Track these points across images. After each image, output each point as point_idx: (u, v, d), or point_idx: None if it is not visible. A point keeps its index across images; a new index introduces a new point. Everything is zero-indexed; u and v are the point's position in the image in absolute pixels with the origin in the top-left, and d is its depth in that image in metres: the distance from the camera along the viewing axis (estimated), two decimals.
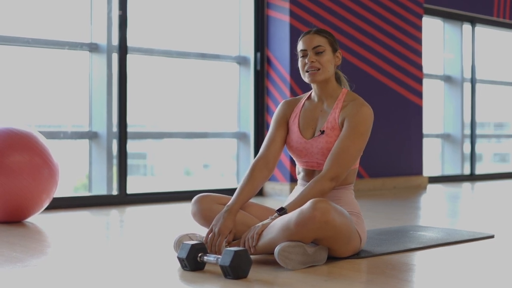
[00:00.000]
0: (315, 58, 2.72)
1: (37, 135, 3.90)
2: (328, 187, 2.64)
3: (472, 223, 3.99)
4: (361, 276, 2.44)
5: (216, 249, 2.58)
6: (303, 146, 2.77)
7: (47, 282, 2.32)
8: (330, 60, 2.74)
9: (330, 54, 2.75)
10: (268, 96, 5.71)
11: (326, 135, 2.72)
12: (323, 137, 2.73)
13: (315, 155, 2.75)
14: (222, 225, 2.61)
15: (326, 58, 2.73)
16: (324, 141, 2.72)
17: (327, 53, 2.74)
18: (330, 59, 2.74)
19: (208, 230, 2.66)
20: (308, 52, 2.74)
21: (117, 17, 4.95)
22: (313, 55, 2.73)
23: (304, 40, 2.77)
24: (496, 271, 2.55)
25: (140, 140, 5.64)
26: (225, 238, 2.60)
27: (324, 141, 2.72)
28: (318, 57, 2.73)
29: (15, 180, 3.70)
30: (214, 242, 2.60)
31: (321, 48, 2.73)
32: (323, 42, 2.74)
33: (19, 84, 4.86)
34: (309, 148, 2.76)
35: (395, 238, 3.19)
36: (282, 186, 5.52)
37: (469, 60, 7.72)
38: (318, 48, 2.73)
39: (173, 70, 5.62)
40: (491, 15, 7.73)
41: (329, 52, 2.74)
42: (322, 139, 2.73)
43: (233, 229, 2.63)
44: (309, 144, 2.76)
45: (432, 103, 7.55)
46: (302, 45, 2.76)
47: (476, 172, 7.83)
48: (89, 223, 4.06)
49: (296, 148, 2.79)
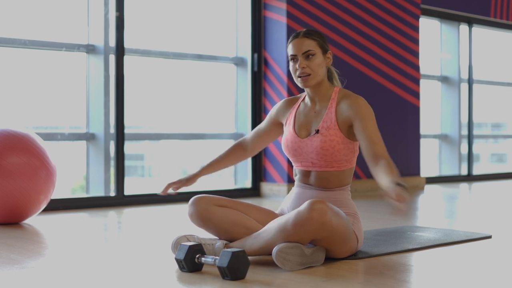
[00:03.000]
0: (305, 63, 2.71)
1: (35, 137, 3.90)
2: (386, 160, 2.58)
3: (469, 223, 4.00)
4: (358, 276, 2.45)
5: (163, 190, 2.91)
6: (298, 145, 2.78)
7: (45, 284, 2.32)
8: (320, 64, 2.73)
9: (320, 57, 2.74)
10: (265, 97, 5.71)
11: (321, 134, 2.73)
12: (317, 136, 2.73)
13: (309, 154, 2.75)
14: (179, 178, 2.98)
15: (316, 62, 2.72)
16: (318, 140, 2.72)
17: (317, 56, 2.72)
18: (320, 62, 2.73)
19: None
20: (298, 57, 2.73)
21: (114, 19, 4.95)
22: (303, 60, 2.71)
23: (293, 44, 2.74)
24: (494, 272, 2.55)
25: (138, 141, 5.64)
26: (172, 184, 2.93)
27: (318, 140, 2.72)
28: (309, 62, 2.71)
29: (12, 181, 3.70)
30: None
31: (311, 52, 2.71)
32: (313, 46, 2.72)
33: (16, 86, 4.86)
34: (304, 147, 2.76)
35: (393, 238, 3.19)
36: (279, 187, 5.53)
37: (466, 61, 7.73)
38: (308, 52, 2.71)
39: (170, 72, 5.62)
40: (488, 15, 7.74)
41: (319, 55, 2.73)
42: (316, 138, 2.73)
43: (185, 184, 2.95)
44: (303, 143, 2.77)
45: (429, 104, 7.56)
46: (292, 50, 2.74)
47: (474, 172, 7.83)
48: (87, 224, 4.06)
49: (292, 148, 2.80)
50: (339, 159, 2.73)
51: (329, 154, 2.71)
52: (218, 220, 2.71)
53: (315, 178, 2.77)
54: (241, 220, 2.72)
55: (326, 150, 2.71)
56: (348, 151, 2.74)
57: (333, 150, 2.71)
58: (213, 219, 2.72)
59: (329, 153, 2.71)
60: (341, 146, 2.72)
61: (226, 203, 2.77)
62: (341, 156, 2.73)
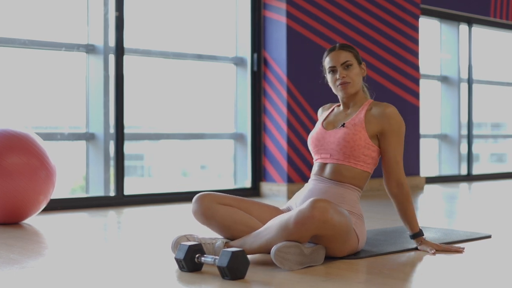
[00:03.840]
0: (345, 73, 2.87)
1: (34, 137, 3.90)
2: (397, 192, 2.85)
3: (469, 223, 4.00)
4: (358, 276, 2.45)
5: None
6: (322, 136, 2.91)
7: (45, 284, 2.32)
8: (358, 73, 2.90)
9: (357, 67, 2.90)
10: (265, 97, 5.71)
11: (346, 128, 2.84)
12: (342, 129, 2.85)
13: (330, 144, 2.85)
14: None
15: (355, 72, 2.89)
16: (342, 132, 2.84)
17: (354, 67, 2.89)
18: (358, 72, 2.90)
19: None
20: (337, 68, 2.88)
21: (114, 18, 4.95)
22: (342, 70, 2.87)
23: (331, 57, 2.90)
24: (494, 271, 2.55)
25: (137, 141, 5.64)
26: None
27: (342, 132, 2.83)
28: (347, 72, 2.87)
29: (12, 181, 3.69)
30: None
31: (349, 62, 2.87)
32: (350, 57, 2.88)
33: (16, 86, 4.86)
34: (327, 138, 2.88)
35: (393, 238, 3.19)
36: (279, 187, 5.53)
37: (466, 61, 7.74)
38: (346, 63, 2.87)
39: (170, 71, 5.62)
40: (487, 15, 7.74)
41: (356, 66, 2.90)
42: (341, 131, 2.85)
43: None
44: (328, 134, 2.89)
45: (429, 104, 7.57)
46: (330, 62, 2.90)
47: (473, 172, 7.84)
48: (87, 224, 4.06)
49: (316, 138, 2.92)
50: (357, 156, 2.81)
51: (349, 147, 2.80)
52: (221, 218, 2.74)
53: (330, 170, 2.85)
54: (243, 219, 2.74)
55: (347, 142, 2.80)
56: (368, 152, 2.82)
57: (354, 144, 2.80)
58: (216, 217, 2.74)
59: (349, 146, 2.80)
60: (363, 144, 2.80)
61: (230, 201, 2.80)
62: (359, 154, 2.81)
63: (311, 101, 5.66)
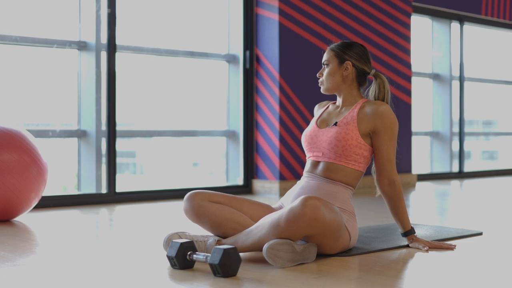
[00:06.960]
0: (321, 72, 2.97)
1: (26, 134, 3.88)
2: (389, 190, 2.88)
3: (460, 220, 4.01)
4: (350, 273, 2.45)
5: None
6: (315, 134, 2.93)
7: (36, 282, 2.31)
8: (331, 73, 2.94)
9: (334, 67, 2.94)
10: (257, 94, 5.71)
11: (338, 127, 2.86)
12: (334, 128, 2.87)
13: (322, 143, 2.87)
14: None
15: (327, 71, 2.95)
16: (334, 131, 2.85)
17: (329, 66, 2.95)
18: (331, 72, 2.94)
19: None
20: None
21: (106, 15, 4.94)
22: (322, 70, 2.98)
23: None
24: (485, 268, 2.56)
25: (129, 138, 5.63)
26: None
27: (334, 131, 2.85)
28: (324, 71, 2.97)
29: (3, 179, 3.68)
30: None
31: (326, 62, 2.97)
32: (330, 56, 2.96)
33: (7, 83, 4.84)
34: (319, 136, 2.90)
35: (384, 235, 3.20)
36: (271, 184, 5.53)
37: (458, 58, 7.76)
38: (324, 62, 2.98)
39: (162, 68, 5.61)
40: (479, 13, 7.76)
41: (333, 65, 2.94)
42: (333, 130, 2.86)
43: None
44: (320, 133, 2.91)
45: (421, 101, 7.58)
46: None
47: (465, 169, 7.86)
48: (78, 221, 4.05)
49: (309, 136, 2.95)
50: (349, 155, 2.82)
51: (341, 146, 2.81)
52: (212, 215, 2.73)
53: (322, 168, 2.86)
54: (235, 217, 2.74)
55: (339, 141, 2.81)
56: (360, 151, 2.83)
57: (346, 143, 2.81)
58: (207, 215, 2.73)
59: (341, 145, 2.81)
60: (354, 143, 2.82)
61: (221, 199, 2.80)
62: (351, 153, 2.82)
63: (303, 99, 5.66)
